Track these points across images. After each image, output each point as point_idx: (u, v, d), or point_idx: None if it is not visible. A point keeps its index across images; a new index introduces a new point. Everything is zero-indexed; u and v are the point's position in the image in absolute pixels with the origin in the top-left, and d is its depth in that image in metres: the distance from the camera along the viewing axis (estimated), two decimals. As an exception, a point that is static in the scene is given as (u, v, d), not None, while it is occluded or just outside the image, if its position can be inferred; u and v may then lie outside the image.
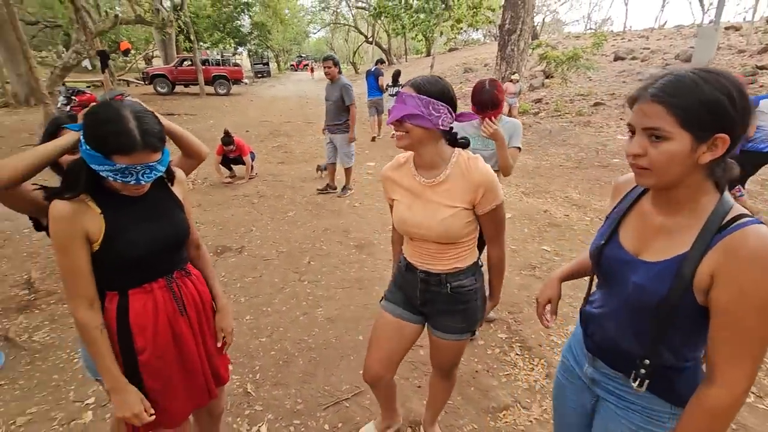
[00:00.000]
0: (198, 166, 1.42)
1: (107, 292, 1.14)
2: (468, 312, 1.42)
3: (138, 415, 1.12)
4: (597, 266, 0.99)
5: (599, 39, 11.73)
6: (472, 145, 2.28)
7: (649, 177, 0.81)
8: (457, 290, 1.37)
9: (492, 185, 1.26)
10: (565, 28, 41.17)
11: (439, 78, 1.27)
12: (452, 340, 1.46)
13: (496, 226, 1.34)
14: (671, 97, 0.75)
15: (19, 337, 2.50)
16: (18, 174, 1.04)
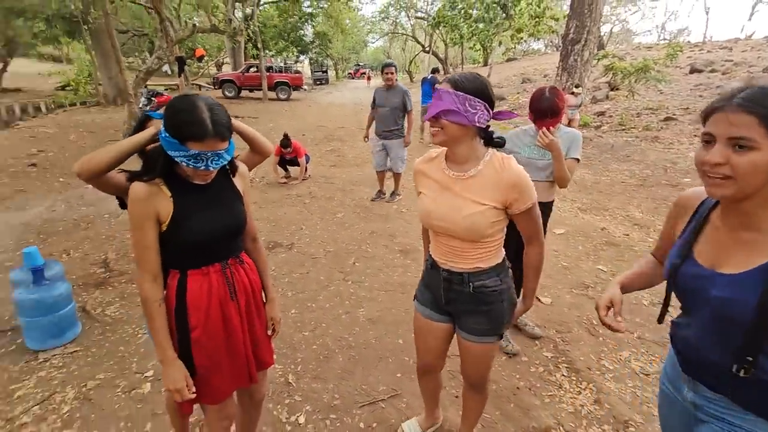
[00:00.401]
0: (261, 162, 1.52)
1: (170, 270, 1.25)
2: (492, 314, 1.39)
3: (180, 391, 1.21)
4: (674, 286, 0.97)
5: (673, 50, 10.93)
6: (527, 154, 2.22)
7: (728, 187, 0.80)
8: (480, 290, 1.36)
9: (525, 185, 1.24)
10: (636, 38, 38.83)
11: (478, 75, 1.26)
12: (477, 343, 1.43)
13: (533, 225, 1.32)
14: (763, 108, 0.75)
15: (94, 310, 2.78)
16: (103, 165, 1.22)
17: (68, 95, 16.58)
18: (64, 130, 9.97)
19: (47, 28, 17.00)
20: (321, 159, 7.63)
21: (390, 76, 4.72)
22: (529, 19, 13.61)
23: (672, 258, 0.98)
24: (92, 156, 1.22)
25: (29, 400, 2.01)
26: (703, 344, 0.91)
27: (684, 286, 0.94)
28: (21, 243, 3.85)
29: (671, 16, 52.50)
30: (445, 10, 16.32)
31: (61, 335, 2.41)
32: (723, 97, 0.82)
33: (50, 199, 5.18)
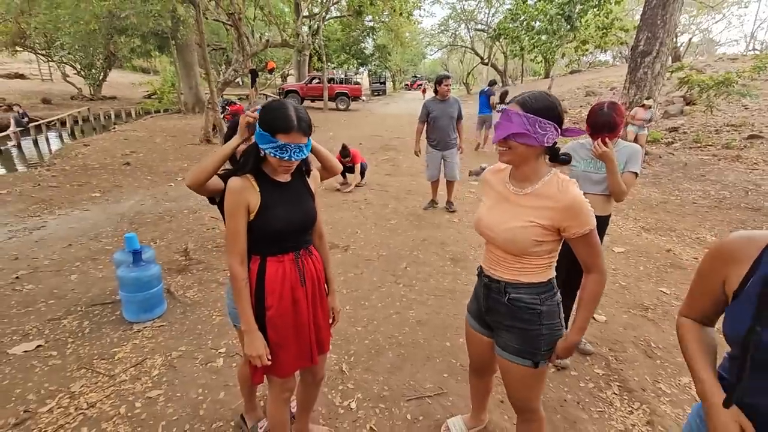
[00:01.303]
0: (330, 178, 1.73)
1: (252, 255, 1.46)
2: (528, 334, 1.36)
3: (260, 357, 1.41)
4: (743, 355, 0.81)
5: (761, 62, 10.00)
6: (583, 168, 2.25)
7: None
8: (515, 303, 1.36)
9: (581, 210, 1.22)
10: (719, 48, 35.70)
11: (547, 94, 1.27)
12: (511, 362, 1.41)
13: (589, 251, 1.28)
14: None
15: (177, 292, 3.16)
16: (207, 174, 1.48)
17: (154, 103, 18.51)
18: (151, 134, 11.18)
19: (142, 44, 19.13)
20: (377, 167, 7.90)
21: (448, 87, 4.83)
22: (596, 31, 13.11)
23: (738, 320, 0.82)
24: (197, 169, 1.48)
25: (126, 362, 2.36)
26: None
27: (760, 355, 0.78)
28: (117, 231, 4.43)
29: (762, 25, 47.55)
30: (507, 22, 16.17)
31: (152, 311, 2.78)
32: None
33: (140, 194, 5.87)
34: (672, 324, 2.91)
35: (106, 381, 2.21)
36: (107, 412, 2.00)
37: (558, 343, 1.37)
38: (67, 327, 2.70)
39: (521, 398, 1.49)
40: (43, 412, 1.99)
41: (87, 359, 2.38)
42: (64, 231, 4.40)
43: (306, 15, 17.05)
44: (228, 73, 9.70)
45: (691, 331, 0.97)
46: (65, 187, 6.14)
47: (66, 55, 19.85)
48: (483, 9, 30.29)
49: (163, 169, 7.38)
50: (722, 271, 0.88)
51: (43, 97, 17.89)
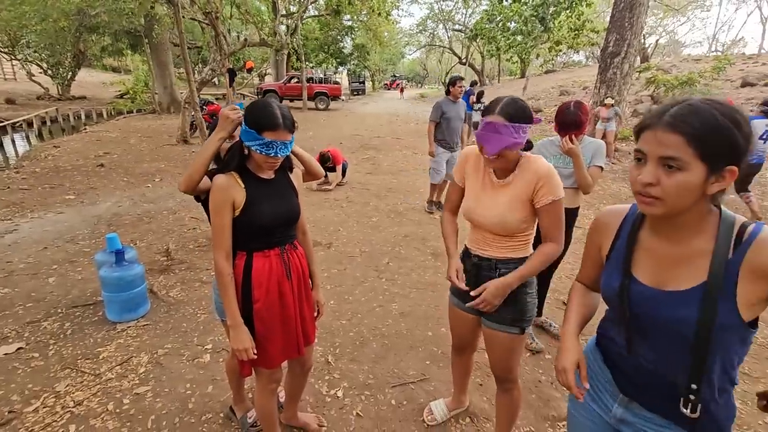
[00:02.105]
0: (313, 180, 1.80)
1: (238, 251, 1.51)
2: (517, 304, 1.51)
3: (246, 350, 1.46)
4: (621, 307, 0.93)
5: (721, 63, 10.56)
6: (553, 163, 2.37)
7: (658, 207, 0.80)
8: None
9: (549, 178, 1.38)
10: (685, 50, 37.32)
11: (519, 99, 1.39)
12: (501, 331, 1.54)
13: (551, 221, 1.42)
14: (691, 128, 0.75)
15: (160, 292, 3.16)
16: (200, 176, 1.50)
17: (126, 103, 18.00)
18: (125, 135, 10.90)
19: (114, 42, 18.58)
20: (357, 166, 7.96)
21: (462, 89, 4.78)
22: (569, 32, 13.52)
23: (612, 281, 0.95)
24: (189, 173, 1.50)
25: (112, 361, 2.37)
26: (660, 366, 0.90)
27: (635, 308, 0.91)
28: (95, 233, 4.36)
29: (723, 27, 49.85)
30: (483, 22, 16.47)
31: (135, 310, 2.78)
32: (653, 114, 0.81)
33: (116, 196, 5.77)
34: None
35: (91, 380, 2.21)
36: (95, 409, 2.02)
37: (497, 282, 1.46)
38: (48, 329, 2.68)
39: (504, 367, 1.62)
40: (29, 411, 1.99)
41: (71, 359, 2.38)
42: (39, 234, 4.31)
43: (283, 14, 16.93)
44: (205, 73, 9.57)
45: (576, 293, 1.14)
46: (36, 189, 5.97)
47: (32, 54, 19.07)
48: (460, 9, 30.76)
49: (139, 171, 7.24)
50: (597, 241, 1.05)
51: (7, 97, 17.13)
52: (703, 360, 0.83)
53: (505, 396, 1.70)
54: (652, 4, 12.04)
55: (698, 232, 0.84)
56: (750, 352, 2.58)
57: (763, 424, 2.05)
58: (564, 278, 3.53)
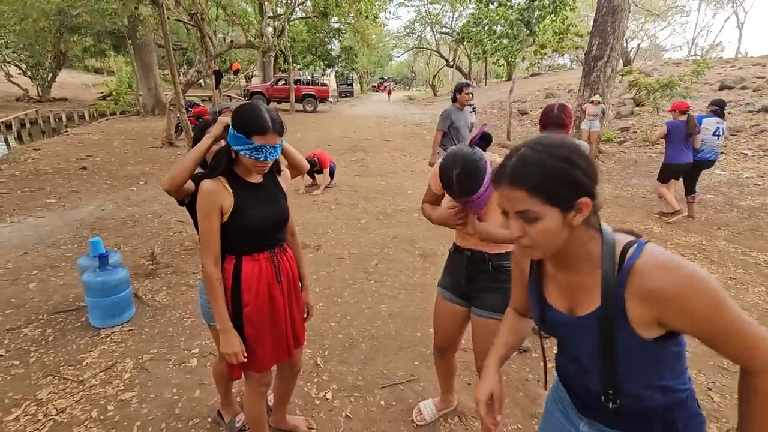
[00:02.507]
0: (297, 176, 1.79)
1: (227, 255, 1.50)
2: (506, 291, 1.52)
3: (236, 354, 1.46)
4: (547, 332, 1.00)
5: (699, 67, 10.85)
6: None
7: (536, 252, 0.84)
8: (498, 268, 1.58)
9: None
10: (666, 54, 38.24)
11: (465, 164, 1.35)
12: (491, 318, 1.59)
13: None
14: (526, 181, 0.77)
15: (145, 296, 3.11)
16: (185, 177, 1.51)
17: (110, 105, 17.68)
18: (108, 137, 10.71)
19: (96, 43, 18.24)
20: (345, 168, 7.96)
21: (469, 96, 4.62)
22: (553, 36, 13.74)
23: (534, 307, 1.00)
24: (173, 173, 1.50)
25: (95, 367, 2.33)
26: (579, 381, 0.94)
27: (552, 331, 0.96)
28: (77, 237, 4.27)
29: (702, 32, 51.28)
30: (470, 26, 16.62)
31: (120, 315, 2.74)
32: (498, 172, 0.83)
33: (99, 200, 5.66)
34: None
35: (74, 387, 2.17)
36: (78, 416, 1.98)
37: None
38: (29, 336, 2.62)
39: None
40: (9, 420, 1.94)
41: (53, 366, 2.33)
42: (18, 239, 4.20)
43: (270, 16, 16.85)
44: (191, 74, 9.47)
45: (507, 321, 1.17)
46: (16, 193, 5.82)
47: (10, 54, 18.60)
48: (447, 13, 30.98)
49: (123, 174, 7.12)
50: (521, 265, 1.05)
51: (-15, 99, 16.69)
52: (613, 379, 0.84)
53: None
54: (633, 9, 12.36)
55: (585, 259, 0.85)
56: (728, 347, 2.66)
57: (741, 417, 2.11)
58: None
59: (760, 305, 3.22)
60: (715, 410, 2.15)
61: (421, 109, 22.43)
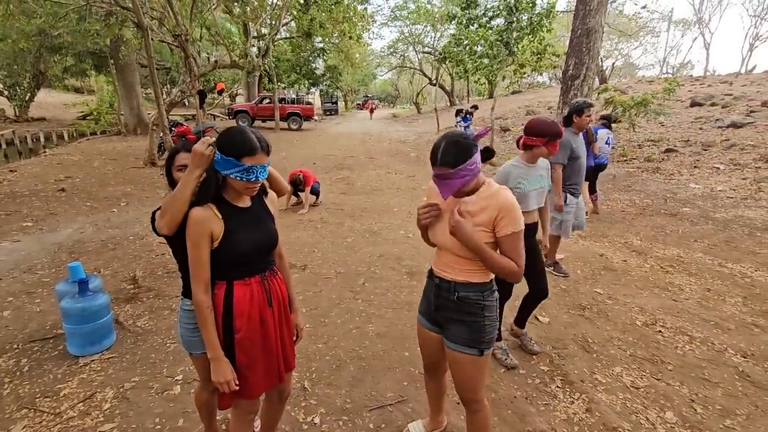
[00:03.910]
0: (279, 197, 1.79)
1: (217, 282, 1.48)
2: (474, 326, 1.54)
3: (228, 383, 1.43)
4: None
5: (671, 85, 11.35)
6: (525, 188, 2.45)
7: None
8: (463, 299, 1.55)
9: (509, 211, 1.43)
10: (639, 71, 39.87)
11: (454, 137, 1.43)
12: (459, 352, 1.57)
13: (511, 249, 1.46)
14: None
15: (126, 322, 3.03)
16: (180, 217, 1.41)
17: (90, 124, 17.45)
18: (88, 158, 10.54)
19: (77, 63, 18.07)
20: (331, 186, 7.98)
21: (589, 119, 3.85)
22: (532, 55, 14.22)
23: None
24: (170, 215, 1.42)
25: (74, 398, 2.24)
26: None
27: None
28: (55, 261, 4.16)
29: (672, 51, 53.84)
30: (451, 46, 17.08)
31: (99, 342, 2.65)
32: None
33: (79, 222, 5.53)
34: (605, 321, 3.22)
35: (51, 419, 2.08)
36: (54, 451, 1.90)
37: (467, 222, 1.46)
38: (3, 367, 2.51)
39: (468, 388, 1.64)
40: (-20, 459, 1.85)
41: (28, 399, 2.23)
42: (-7, 264, 4.06)
43: (255, 36, 17.03)
44: (174, 94, 9.46)
45: None
46: (-9, 216, 5.65)
47: (-13, 74, 18.27)
48: (429, 33, 31.77)
49: (103, 195, 6.99)
50: None
51: (-40, 119, 16.28)
52: None
53: (472, 417, 1.71)
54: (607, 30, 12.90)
55: None
56: (708, 358, 2.73)
57: (723, 428, 2.15)
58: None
59: (737, 315, 3.31)
60: (698, 422, 2.19)
61: (406, 127, 22.75)
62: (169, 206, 1.43)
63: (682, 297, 3.64)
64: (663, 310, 3.39)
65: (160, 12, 9.43)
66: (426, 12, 28.37)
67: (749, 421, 2.20)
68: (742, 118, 11.16)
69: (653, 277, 4.07)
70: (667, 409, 2.28)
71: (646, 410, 2.27)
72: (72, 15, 10.34)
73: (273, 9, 16.52)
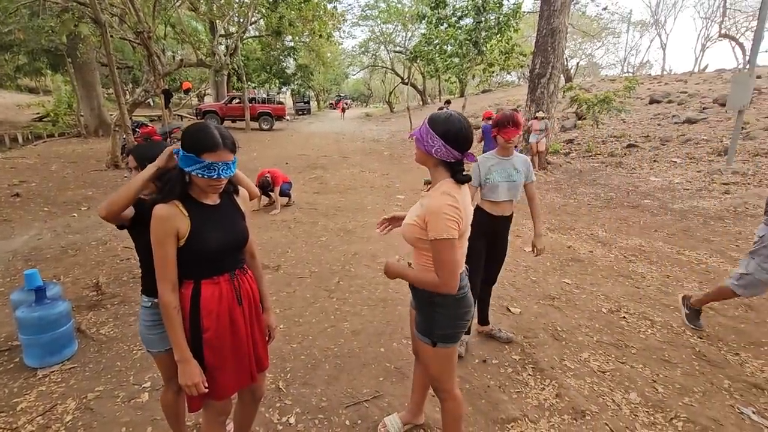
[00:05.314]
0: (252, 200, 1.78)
1: (184, 280, 1.45)
2: (424, 315, 1.60)
3: (196, 385, 1.39)
4: None
5: (631, 83, 11.88)
6: (495, 179, 2.52)
7: None
8: (416, 289, 1.62)
9: (432, 216, 1.40)
10: (602, 71, 41.48)
11: (453, 118, 1.46)
12: (419, 338, 1.63)
13: (434, 259, 1.45)
14: None
15: (89, 330, 2.90)
16: (123, 205, 1.46)
17: (47, 126, 16.55)
18: (44, 161, 10.00)
19: (30, 62, 17.10)
20: (304, 186, 7.90)
21: None
22: (500, 55, 14.56)
23: None
24: (112, 200, 1.45)
25: (32, 411, 2.13)
26: None
27: None
28: (10, 270, 3.93)
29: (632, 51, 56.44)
30: (422, 45, 17.27)
31: (60, 352, 2.52)
32: None
33: (36, 228, 5.24)
34: (574, 309, 3.33)
35: (6, 436, 1.97)
36: (11, 469, 1.79)
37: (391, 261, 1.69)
38: (-49, 383, 2.35)
39: (431, 376, 1.69)
40: (-74, 481, 1.72)
41: (-20, 415, 2.10)
42: (-61, 275, 3.79)
43: (222, 34, 16.61)
44: (138, 94, 9.11)
45: None
46: (-64, 225, 5.27)
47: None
48: (400, 33, 31.94)
49: (62, 199, 6.65)
50: None
51: None
52: None
53: (442, 407, 1.76)
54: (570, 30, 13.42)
55: None
56: (668, 340, 2.87)
57: (682, 405, 2.27)
58: (506, 285, 3.72)
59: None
60: (660, 401, 2.30)
61: (379, 126, 22.78)
62: (117, 191, 1.45)
63: (644, 284, 3.81)
64: (627, 297, 3.54)
65: (120, 8, 9.06)
66: (396, 11, 28.52)
67: (705, 398, 2.33)
68: (696, 114, 11.79)
69: (617, 266, 4.25)
70: (631, 390, 2.39)
71: (612, 392, 2.37)
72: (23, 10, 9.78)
73: (240, 6, 16.16)
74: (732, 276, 2.83)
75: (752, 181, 7.36)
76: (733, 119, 8.93)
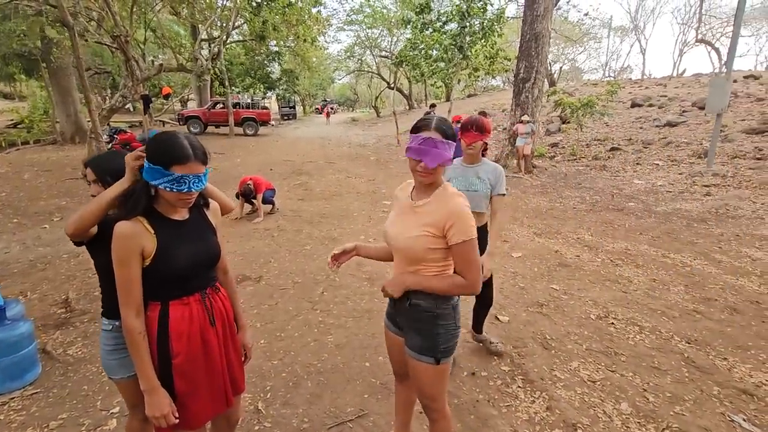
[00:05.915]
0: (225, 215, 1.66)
1: (150, 302, 1.33)
2: (425, 333, 1.48)
3: (166, 416, 1.27)
4: None
5: (613, 87, 12.07)
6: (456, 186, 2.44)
7: None
8: (415, 307, 1.48)
9: (460, 219, 1.35)
10: (585, 75, 42.25)
11: (445, 119, 1.45)
12: (415, 359, 1.51)
13: (462, 260, 1.39)
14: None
15: (55, 351, 2.72)
16: (90, 223, 1.35)
17: (21, 133, 16.02)
18: (17, 169, 9.64)
19: (3, 67, 16.57)
20: (289, 192, 7.76)
21: None
22: (485, 59, 14.65)
23: None
24: (79, 217, 1.33)
25: (-14, 444, 1.96)
26: None
27: None
28: (-27, 286, 3.70)
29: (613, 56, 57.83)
30: (407, 50, 17.28)
31: (21, 377, 2.36)
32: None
33: (3, 241, 5.00)
34: (562, 316, 3.28)
35: (-44, 473, 1.80)
36: None
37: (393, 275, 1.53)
38: None
39: (427, 396, 1.57)
40: None
41: (-72, 451, 1.93)
42: None
43: (205, 38, 16.37)
44: (115, 99, 8.86)
45: None
46: None
47: None
48: (386, 37, 32.01)
49: (34, 210, 6.38)
50: None
51: None
52: None
53: (432, 426, 1.66)
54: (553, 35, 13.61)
55: None
56: (657, 346, 2.84)
57: (674, 414, 2.22)
58: (494, 292, 3.65)
59: (681, 303, 3.49)
60: (651, 411, 2.25)
61: (365, 130, 22.72)
62: (82, 208, 1.33)
63: (631, 288, 3.79)
64: (614, 302, 3.51)
65: (97, 12, 8.82)
66: (382, 16, 28.58)
67: (696, 406, 2.28)
68: (676, 118, 12.04)
69: (604, 270, 4.23)
70: (622, 400, 2.33)
71: (603, 403, 2.31)
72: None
73: (223, 11, 15.96)
74: None
75: (732, 183, 7.50)
76: (712, 122, 9.12)
